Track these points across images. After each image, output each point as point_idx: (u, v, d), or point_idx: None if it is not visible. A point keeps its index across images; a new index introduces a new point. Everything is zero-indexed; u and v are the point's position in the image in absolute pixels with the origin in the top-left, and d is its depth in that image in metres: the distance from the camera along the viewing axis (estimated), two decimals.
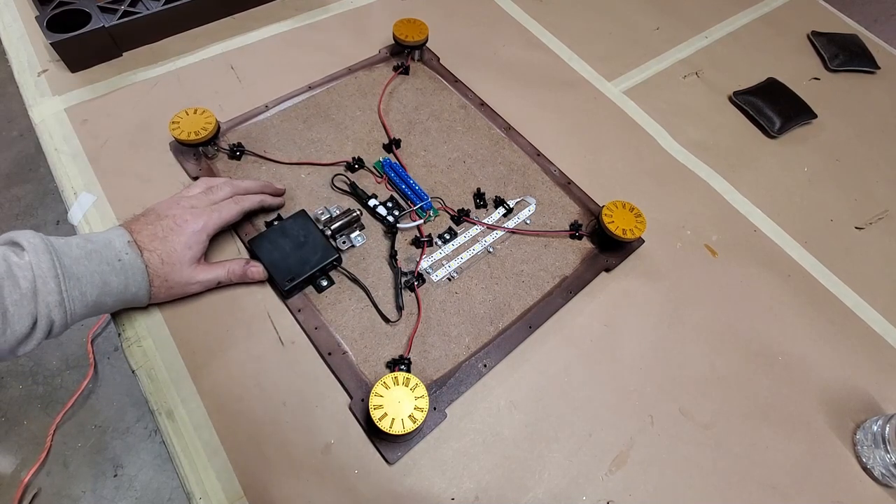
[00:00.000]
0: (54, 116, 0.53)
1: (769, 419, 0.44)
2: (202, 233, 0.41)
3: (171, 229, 0.40)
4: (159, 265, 0.39)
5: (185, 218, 0.41)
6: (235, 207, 0.43)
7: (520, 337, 0.45)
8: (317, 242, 0.45)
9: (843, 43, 0.73)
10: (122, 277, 0.37)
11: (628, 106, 0.64)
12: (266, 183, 0.48)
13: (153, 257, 0.39)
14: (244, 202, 0.44)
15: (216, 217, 0.42)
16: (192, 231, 0.40)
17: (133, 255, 0.38)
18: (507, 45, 0.68)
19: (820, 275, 0.53)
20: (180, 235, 0.40)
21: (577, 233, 0.51)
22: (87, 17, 0.54)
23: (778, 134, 0.63)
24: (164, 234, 0.40)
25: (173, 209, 0.41)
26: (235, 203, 0.44)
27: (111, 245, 0.38)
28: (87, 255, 0.36)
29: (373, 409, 0.36)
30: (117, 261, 0.37)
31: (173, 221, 0.40)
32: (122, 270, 0.37)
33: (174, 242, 0.40)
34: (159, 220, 0.40)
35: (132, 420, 1.08)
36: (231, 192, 0.44)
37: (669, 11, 0.75)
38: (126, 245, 0.38)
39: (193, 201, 0.42)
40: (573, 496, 0.39)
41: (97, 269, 0.36)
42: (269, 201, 0.47)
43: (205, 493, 0.37)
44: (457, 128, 0.58)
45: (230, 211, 0.43)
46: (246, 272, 0.43)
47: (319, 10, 0.67)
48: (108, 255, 0.37)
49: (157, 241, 0.39)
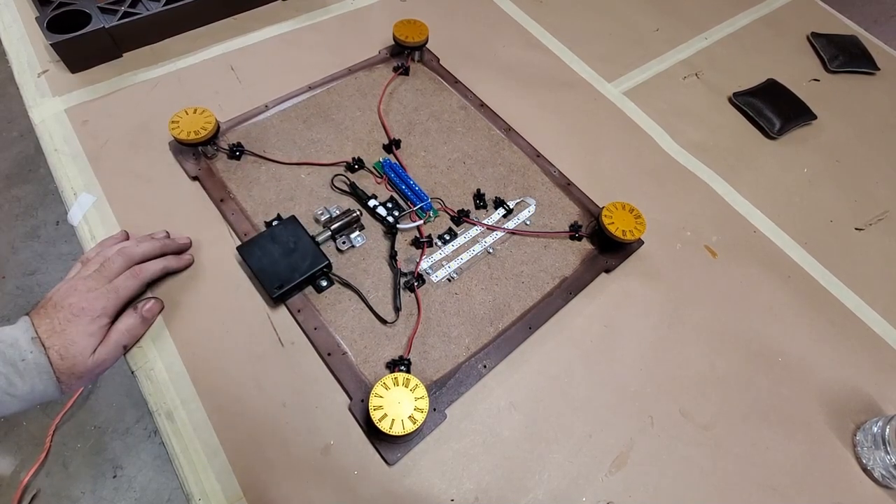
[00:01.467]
0: (54, 117, 0.53)
1: (769, 420, 0.44)
2: (103, 317, 0.39)
3: (69, 321, 0.38)
4: (59, 361, 0.37)
5: (81, 306, 0.38)
6: (134, 282, 0.41)
7: (520, 338, 0.45)
8: (307, 249, 0.44)
9: (842, 44, 0.73)
10: (27, 379, 0.36)
11: (628, 107, 0.64)
12: (166, 242, 0.45)
13: (53, 354, 0.37)
14: (144, 273, 0.42)
15: (114, 298, 0.40)
16: (90, 318, 0.38)
17: (37, 352, 0.36)
18: (507, 45, 0.68)
19: (820, 276, 0.53)
20: (78, 325, 0.38)
21: (577, 234, 0.51)
22: (88, 18, 0.54)
23: (778, 135, 0.63)
24: (63, 327, 0.37)
25: (69, 297, 0.39)
26: (134, 277, 0.41)
27: (16, 344, 0.36)
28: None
29: (373, 409, 0.36)
30: (20, 360, 0.36)
31: (70, 311, 0.38)
32: (27, 371, 0.36)
33: (73, 334, 0.37)
34: (56, 311, 0.38)
35: (132, 421, 1.08)
36: (125, 262, 0.42)
37: (669, 12, 0.75)
38: (30, 342, 0.36)
39: (90, 283, 0.40)
40: (573, 497, 0.39)
41: (2, 371, 0.35)
42: (173, 265, 0.44)
43: (204, 493, 0.37)
44: (457, 128, 0.58)
45: (128, 288, 0.41)
46: (143, 315, 0.41)
47: (320, 10, 0.67)
48: (11, 355, 0.36)
49: (56, 335, 0.37)
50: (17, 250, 1.27)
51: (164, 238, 0.45)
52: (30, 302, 1.19)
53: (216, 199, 0.49)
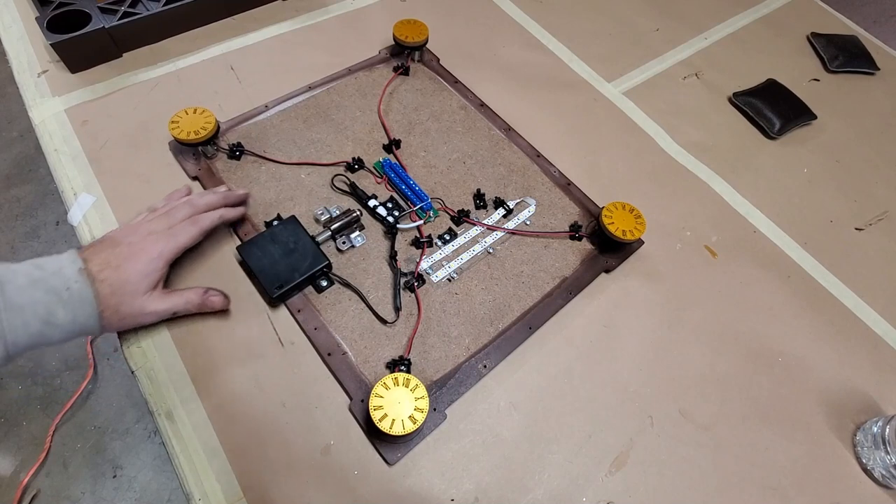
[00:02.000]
0: (54, 117, 0.53)
1: (769, 420, 0.44)
2: (159, 259, 0.39)
3: (126, 257, 0.38)
4: (109, 295, 0.37)
5: (141, 245, 0.39)
6: (193, 229, 0.42)
7: (520, 338, 0.45)
8: (307, 249, 0.44)
9: (842, 44, 0.73)
10: (69, 308, 0.35)
11: (628, 107, 0.64)
12: (227, 193, 0.46)
13: (103, 287, 0.37)
14: (202, 222, 0.42)
15: (173, 243, 0.40)
16: (148, 258, 0.38)
17: (82, 284, 0.36)
18: (506, 45, 0.68)
19: (820, 276, 0.53)
20: (136, 263, 0.38)
21: (577, 234, 0.51)
22: (87, 18, 0.54)
23: (778, 135, 0.63)
24: (118, 263, 0.38)
25: (130, 236, 0.40)
26: (192, 224, 0.42)
27: (61, 272, 0.36)
28: (32, 284, 0.35)
29: (373, 409, 0.36)
30: (65, 289, 0.35)
31: (128, 248, 0.38)
32: (70, 300, 0.35)
33: (128, 271, 0.38)
34: (114, 246, 0.38)
35: (132, 421, 1.08)
36: (189, 212, 0.42)
37: (669, 12, 0.75)
38: (76, 273, 0.36)
39: (152, 226, 0.41)
40: (573, 497, 0.39)
41: (42, 299, 0.35)
42: (229, 214, 0.45)
43: (204, 494, 0.37)
44: (457, 128, 0.58)
45: (188, 234, 0.41)
46: (205, 302, 0.41)
47: (319, 10, 0.67)
48: (55, 283, 0.35)
49: (110, 269, 0.37)
50: (17, 250, 1.27)
51: (223, 189, 0.47)
52: None
53: None
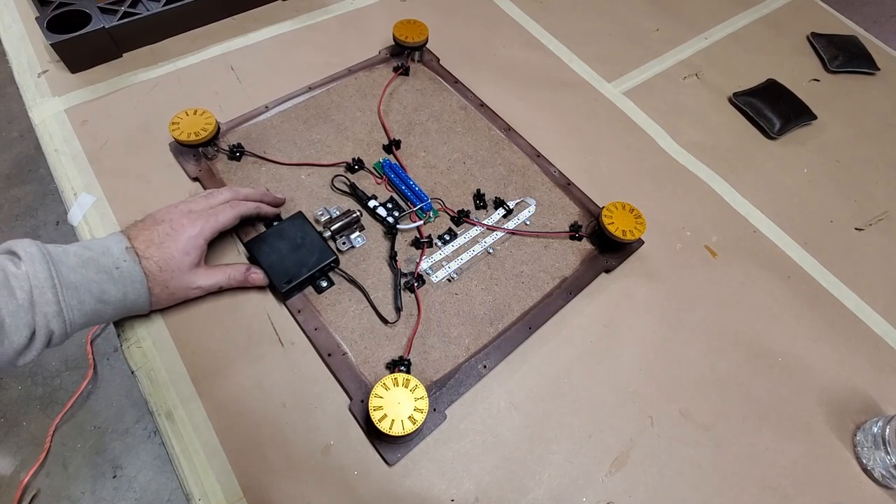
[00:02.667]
0: (54, 117, 0.53)
1: (769, 420, 0.44)
2: (199, 237, 0.40)
3: (168, 234, 0.39)
4: (157, 272, 0.38)
5: (181, 223, 0.40)
6: (232, 212, 0.43)
7: (520, 338, 0.45)
8: (314, 244, 0.45)
9: (842, 44, 0.73)
10: (120, 286, 0.37)
11: (628, 107, 0.64)
12: (265, 191, 0.48)
13: (150, 264, 0.38)
14: (240, 207, 0.44)
15: (213, 221, 0.41)
16: (188, 236, 0.40)
17: (131, 262, 0.37)
18: (506, 46, 0.68)
19: (820, 276, 0.53)
20: (177, 241, 0.39)
21: (577, 234, 0.51)
22: (88, 18, 0.54)
23: (778, 135, 0.63)
24: (161, 240, 0.39)
25: (170, 214, 0.41)
26: (232, 208, 0.43)
27: (109, 252, 0.37)
28: (83, 264, 0.36)
29: (372, 410, 0.36)
30: (115, 268, 0.37)
31: (170, 226, 0.40)
32: (121, 278, 0.37)
33: (171, 248, 0.39)
34: (156, 224, 0.40)
35: (131, 421, 1.08)
36: (230, 196, 0.44)
37: (669, 12, 0.75)
38: (124, 252, 0.38)
39: (192, 205, 0.42)
40: (573, 497, 0.39)
41: (95, 278, 0.36)
42: (266, 210, 0.46)
43: (204, 494, 0.37)
44: (457, 129, 0.58)
45: (227, 215, 0.42)
46: (247, 278, 0.43)
47: (319, 11, 0.67)
48: (105, 262, 0.37)
49: (154, 247, 0.39)
50: None
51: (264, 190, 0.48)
52: None
53: None
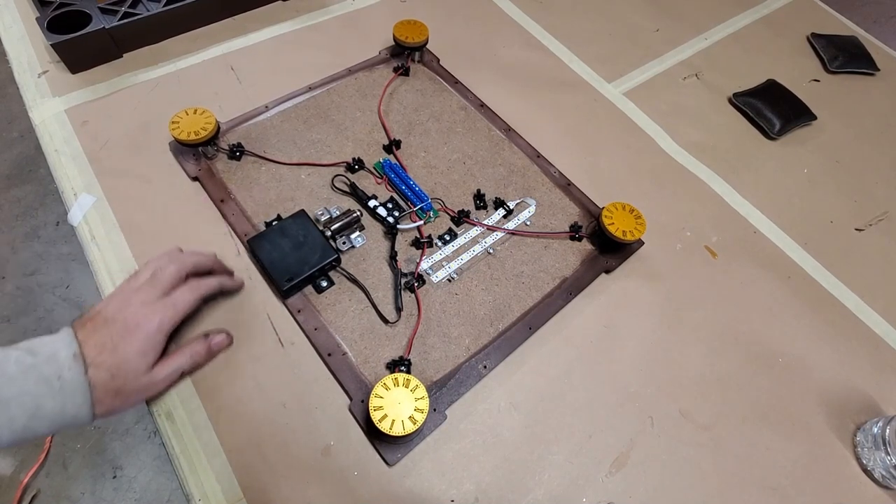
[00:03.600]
0: (54, 117, 0.53)
1: (769, 420, 0.44)
2: (158, 333, 0.36)
3: (122, 336, 0.35)
4: (108, 380, 0.34)
5: (136, 321, 0.35)
6: (191, 297, 0.38)
7: (520, 338, 0.45)
8: (316, 242, 0.45)
9: (842, 45, 0.73)
10: (59, 399, 0.32)
11: (628, 107, 0.64)
12: (214, 259, 0.43)
13: (100, 373, 0.34)
14: (201, 287, 0.39)
15: (172, 313, 0.37)
16: (146, 335, 0.35)
17: (76, 371, 0.33)
18: (506, 46, 0.68)
19: (820, 276, 0.53)
20: (132, 342, 0.35)
21: (577, 234, 0.51)
22: (88, 19, 0.54)
23: (778, 135, 0.63)
24: (115, 343, 0.34)
25: (123, 310, 0.36)
26: (191, 292, 0.39)
27: (55, 358, 0.33)
28: (24, 372, 0.32)
29: (373, 410, 0.36)
30: (56, 379, 0.32)
31: (123, 326, 0.35)
32: (61, 391, 0.32)
33: (126, 351, 0.35)
34: (107, 325, 0.35)
35: (131, 421, 1.08)
36: (177, 270, 0.39)
37: (669, 13, 0.75)
38: (70, 359, 0.33)
39: (143, 295, 0.37)
40: (573, 497, 0.39)
41: (32, 391, 0.32)
42: (229, 284, 0.42)
43: (204, 494, 0.37)
44: (457, 129, 0.58)
45: (186, 302, 0.38)
46: (210, 347, 0.39)
47: (319, 11, 0.67)
48: (47, 371, 0.32)
49: (107, 352, 0.34)
50: (17, 250, 1.27)
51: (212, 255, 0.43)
52: (30, 302, 1.19)
53: (216, 200, 0.49)
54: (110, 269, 0.45)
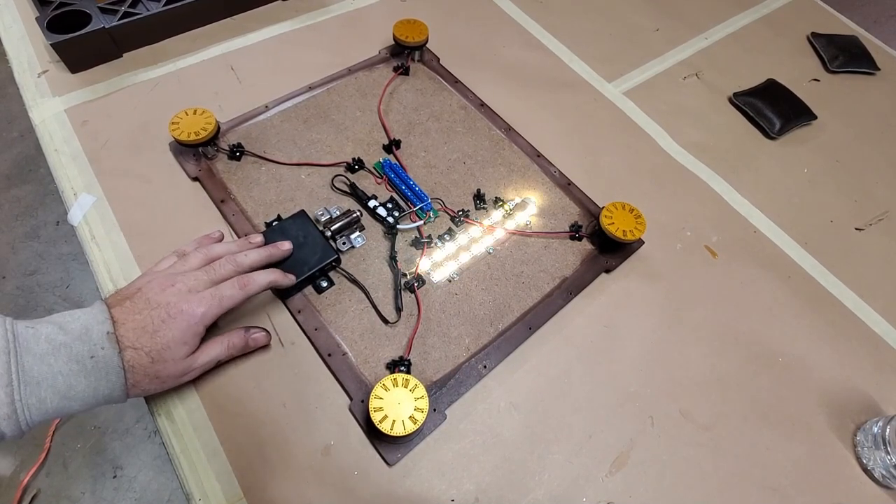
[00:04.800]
0: (54, 117, 0.53)
1: (769, 420, 0.44)
2: (200, 324, 0.36)
3: (164, 321, 0.34)
4: (148, 364, 0.34)
5: (180, 308, 0.35)
6: (240, 294, 0.38)
7: (520, 338, 0.45)
8: (316, 243, 0.45)
9: (842, 44, 0.73)
10: (91, 379, 0.32)
11: (628, 107, 0.64)
12: (271, 250, 0.42)
13: (139, 356, 0.33)
14: (251, 286, 0.38)
15: (216, 306, 0.36)
16: (188, 324, 0.35)
17: (110, 351, 0.32)
18: (507, 45, 0.68)
19: (820, 276, 0.53)
20: (174, 329, 0.34)
21: (577, 234, 0.51)
22: (88, 18, 0.54)
23: (778, 135, 0.63)
24: (156, 328, 0.34)
25: (167, 295, 0.35)
26: (241, 288, 0.38)
27: (87, 336, 0.32)
28: (54, 351, 0.31)
29: (373, 410, 0.36)
30: (89, 358, 0.32)
31: (166, 311, 0.35)
32: (94, 370, 0.32)
33: (166, 337, 0.34)
34: (150, 308, 0.34)
35: (132, 421, 1.08)
36: (234, 270, 0.39)
37: (669, 12, 0.75)
38: (104, 338, 0.32)
39: (191, 282, 0.36)
40: (573, 497, 0.39)
41: (63, 370, 0.31)
42: (280, 280, 0.41)
43: (204, 494, 0.37)
44: (457, 129, 0.58)
45: (233, 298, 0.37)
46: (248, 342, 0.39)
47: (320, 10, 0.67)
48: (79, 350, 0.32)
49: (147, 336, 0.34)
50: (17, 250, 1.27)
51: (267, 246, 0.42)
52: (30, 302, 1.19)
53: (216, 200, 0.49)
54: (110, 268, 0.45)
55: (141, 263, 0.45)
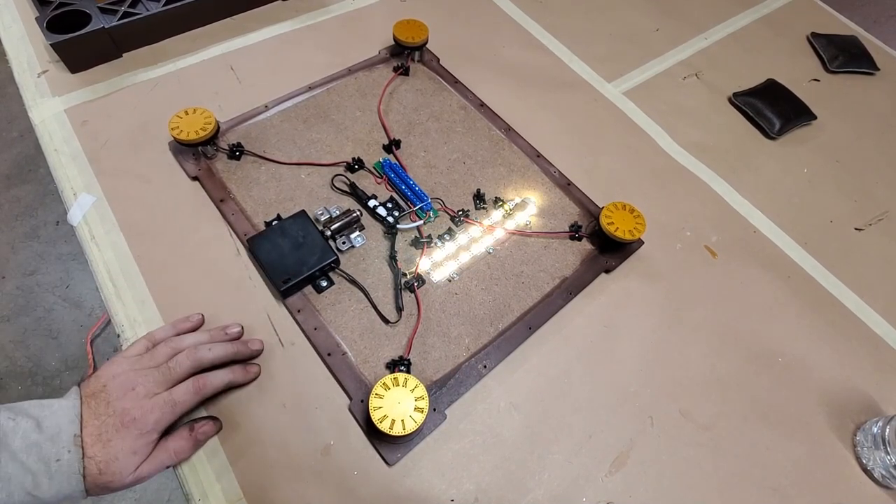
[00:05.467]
0: (54, 117, 0.53)
1: (769, 420, 0.44)
2: (152, 433, 0.35)
3: (117, 430, 0.34)
4: (97, 475, 0.33)
5: (133, 416, 0.34)
6: (194, 399, 0.37)
7: (520, 338, 0.45)
8: (315, 243, 0.45)
9: (842, 44, 0.73)
10: (54, 481, 0.32)
11: (628, 107, 0.64)
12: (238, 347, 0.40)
13: (91, 465, 0.33)
14: (206, 389, 0.37)
15: (169, 412, 0.36)
16: (138, 433, 0.34)
17: (73, 456, 0.33)
18: (507, 46, 0.68)
19: (820, 276, 0.53)
20: (125, 439, 0.34)
21: (577, 234, 0.51)
22: (87, 18, 0.54)
23: (778, 135, 0.63)
24: (108, 437, 0.34)
25: (126, 400, 0.35)
26: (196, 393, 0.37)
27: (58, 437, 0.33)
28: (27, 448, 0.32)
29: (373, 410, 0.36)
30: (55, 461, 0.32)
31: (120, 420, 0.34)
32: (57, 473, 0.32)
33: (116, 448, 0.34)
34: (107, 414, 0.34)
35: None
36: (191, 368, 0.38)
37: (669, 12, 0.75)
38: (70, 441, 0.33)
39: (150, 384, 0.36)
40: (573, 497, 0.39)
41: (33, 468, 0.31)
42: (240, 379, 0.40)
43: (204, 494, 0.37)
44: (457, 129, 0.58)
45: (186, 403, 0.37)
46: (196, 439, 0.37)
47: (320, 10, 0.67)
48: (48, 451, 0.32)
49: (99, 445, 0.33)
50: (17, 250, 1.27)
51: (237, 339, 0.42)
52: (30, 302, 1.19)
53: (216, 200, 0.49)
54: (110, 268, 0.45)
55: (140, 263, 0.45)
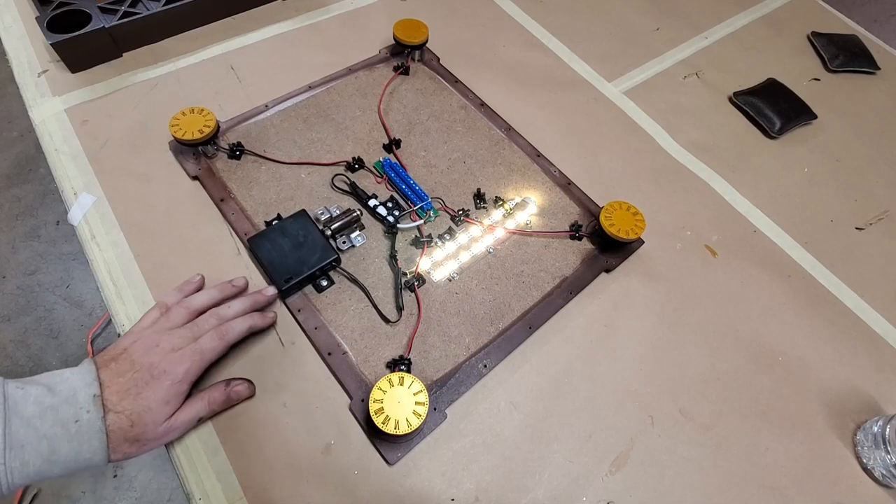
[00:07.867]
0: (54, 117, 0.53)
1: (769, 420, 0.44)
2: (183, 383, 0.36)
3: (147, 382, 0.34)
4: (128, 428, 0.33)
5: (162, 368, 0.35)
6: (220, 344, 0.38)
7: (520, 337, 0.45)
8: (316, 243, 0.45)
9: (843, 43, 0.73)
10: (74, 444, 0.32)
11: (628, 106, 0.64)
12: (255, 297, 0.42)
13: (120, 419, 0.33)
14: (230, 335, 0.39)
15: (199, 362, 0.37)
16: (170, 384, 0.35)
17: (94, 415, 0.32)
18: (507, 45, 0.68)
19: (820, 275, 0.53)
20: (157, 390, 0.34)
21: (577, 233, 0.51)
22: (88, 18, 0.54)
23: (778, 134, 0.63)
24: (138, 390, 0.34)
25: (151, 355, 0.35)
26: (220, 339, 0.38)
27: (74, 398, 0.32)
28: (41, 414, 0.31)
29: (373, 409, 0.36)
30: (74, 422, 0.32)
31: (149, 373, 0.35)
32: (77, 435, 0.32)
33: (148, 399, 0.34)
34: (133, 369, 0.35)
35: None
36: (216, 324, 0.39)
37: (669, 12, 0.75)
38: (90, 401, 0.33)
39: (175, 340, 0.37)
40: (573, 497, 0.39)
41: (48, 433, 0.31)
42: (259, 324, 0.41)
43: (204, 493, 0.37)
44: (457, 128, 0.58)
45: (213, 350, 0.38)
46: (229, 395, 0.38)
47: (320, 10, 0.67)
48: (65, 413, 0.32)
49: (129, 398, 0.34)
50: (17, 250, 1.27)
51: (248, 292, 0.42)
52: (30, 302, 1.19)
53: (216, 199, 0.49)
54: (110, 268, 0.45)
55: (141, 262, 0.45)
